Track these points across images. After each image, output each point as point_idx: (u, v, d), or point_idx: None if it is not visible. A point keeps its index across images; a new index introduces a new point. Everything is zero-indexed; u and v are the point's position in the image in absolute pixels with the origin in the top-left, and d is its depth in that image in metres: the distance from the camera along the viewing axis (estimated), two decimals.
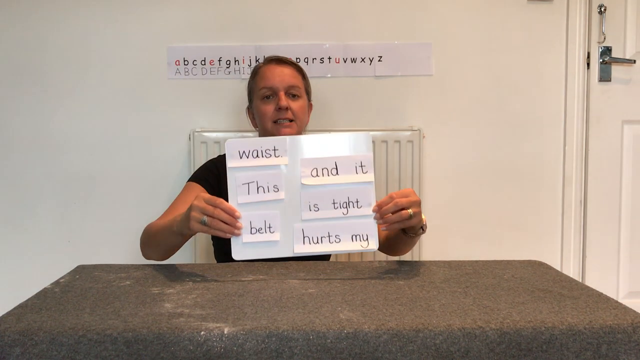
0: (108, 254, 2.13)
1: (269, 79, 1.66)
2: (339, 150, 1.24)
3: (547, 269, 1.30)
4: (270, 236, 1.21)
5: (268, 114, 1.64)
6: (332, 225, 1.22)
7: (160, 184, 2.13)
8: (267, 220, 1.21)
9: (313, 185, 1.23)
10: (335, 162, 1.24)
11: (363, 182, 1.24)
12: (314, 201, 1.23)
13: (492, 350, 0.91)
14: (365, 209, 1.23)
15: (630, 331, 0.93)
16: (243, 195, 1.22)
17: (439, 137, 2.17)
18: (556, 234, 2.22)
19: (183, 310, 1.00)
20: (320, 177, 1.24)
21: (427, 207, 2.17)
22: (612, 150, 2.21)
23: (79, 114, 2.13)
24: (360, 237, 1.22)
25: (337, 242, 1.21)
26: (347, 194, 1.23)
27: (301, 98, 1.68)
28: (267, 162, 1.23)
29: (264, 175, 1.22)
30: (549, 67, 2.18)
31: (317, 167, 1.24)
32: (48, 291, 1.12)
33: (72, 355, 0.89)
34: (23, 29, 2.10)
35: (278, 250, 1.21)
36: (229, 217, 1.19)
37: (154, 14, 2.11)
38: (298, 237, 1.21)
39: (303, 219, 1.22)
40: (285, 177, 1.23)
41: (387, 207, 1.23)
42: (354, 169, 1.24)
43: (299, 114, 1.65)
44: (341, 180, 1.23)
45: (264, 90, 1.66)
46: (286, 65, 1.70)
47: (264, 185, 1.22)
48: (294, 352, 0.90)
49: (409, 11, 2.14)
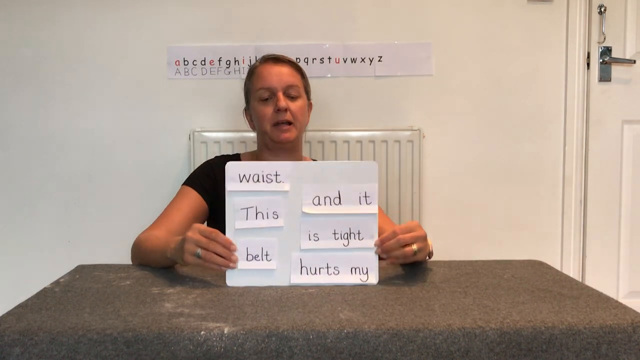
0: (108, 254, 2.12)
1: (266, 79, 1.59)
2: (343, 178, 1.19)
3: (547, 269, 1.30)
4: (267, 264, 1.16)
5: (266, 116, 1.58)
6: (331, 257, 1.17)
7: (160, 184, 2.13)
8: (264, 248, 1.17)
9: (314, 214, 1.18)
10: (338, 190, 1.19)
11: (366, 213, 1.19)
12: (314, 230, 1.18)
13: (492, 350, 0.91)
14: (366, 241, 1.18)
15: (630, 331, 0.93)
16: (241, 220, 1.17)
17: (439, 137, 2.17)
18: (556, 234, 2.22)
19: (183, 310, 1.00)
20: (322, 205, 1.19)
21: (427, 207, 2.17)
22: (612, 150, 2.21)
23: (79, 113, 2.13)
24: (360, 270, 1.17)
25: (336, 274, 1.16)
26: (349, 224, 1.18)
27: (300, 98, 1.61)
28: (267, 188, 1.18)
29: (263, 201, 1.17)
30: (549, 67, 2.18)
31: (319, 195, 1.19)
32: (48, 291, 1.13)
33: (72, 355, 0.89)
34: (23, 29, 2.10)
35: (274, 279, 1.16)
36: (224, 250, 1.14)
37: (154, 14, 2.11)
38: (295, 267, 1.17)
39: (302, 249, 1.17)
40: (285, 203, 1.18)
41: (390, 244, 1.16)
42: (358, 199, 1.19)
43: (298, 116, 1.59)
44: (343, 210, 1.18)
45: (262, 92, 1.59)
46: (284, 64, 1.62)
47: (263, 211, 1.17)
48: (294, 352, 0.90)
49: (409, 11, 2.15)
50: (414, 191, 2.12)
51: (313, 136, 2.07)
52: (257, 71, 1.63)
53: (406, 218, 2.11)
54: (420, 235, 1.20)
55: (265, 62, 1.64)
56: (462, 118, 2.18)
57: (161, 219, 1.51)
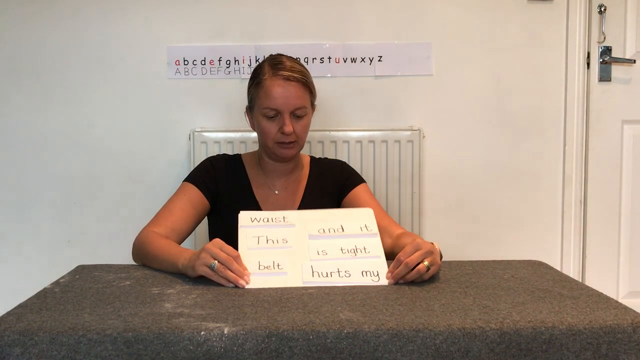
0: (108, 254, 2.13)
1: (273, 100, 1.52)
2: (344, 219, 1.33)
3: (547, 269, 1.30)
4: (279, 272, 1.19)
5: (270, 134, 1.55)
6: (341, 263, 1.21)
7: (160, 184, 2.13)
8: (275, 261, 1.21)
9: (321, 235, 1.28)
10: (341, 224, 1.31)
11: (369, 234, 1.29)
12: (322, 248, 1.25)
13: (492, 350, 0.91)
14: (374, 253, 1.25)
15: (630, 331, 0.93)
16: (253, 244, 1.26)
17: (439, 137, 2.17)
18: (556, 234, 2.22)
19: (183, 310, 1.00)
20: (327, 233, 1.29)
21: (427, 207, 2.17)
22: (612, 150, 2.21)
23: (79, 114, 2.13)
24: (371, 273, 1.19)
25: (347, 277, 1.18)
26: (354, 243, 1.26)
27: (306, 117, 1.57)
28: (277, 224, 1.32)
29: (273, 231, 1.28)
30: (549, 67, 2.18)
31: (324, 227, 1.30)
32: (48, 291, 1.13)
33: (72, 355, 0.89)
34: (23, 29, 2.10)
35: (287, 281, 1.17)
36: (239, 268, 1.17)
37: (154, 14, 2.11)
38: (307, 272, 1.19)
39: (312, 259, 1.22)
40: (293, 233, 1.29)
41: (399, 271, 1.17)
42: (359, 229, 1.31)
43: (302, 134, 1.57)
44: (347, 234, 1.29)
45: (268, 110, 1.53)
46: (293, 83, 1.53)
47: (273, 239, 1.27)
48: (294, 352, 0.90)
49: (409, 11, 2.14)
50: (414, 191, 2.12)
51: (313, 136, 2.07)
52: (265, 85, 1.54)
53: (406, 218, 2.11)
54: (425, 251, 1.19)
55: (275, 78, 1.54)
56: (462, 118, 2.18)
57: (162, 214, 1.51)
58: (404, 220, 2.11)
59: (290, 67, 1.56)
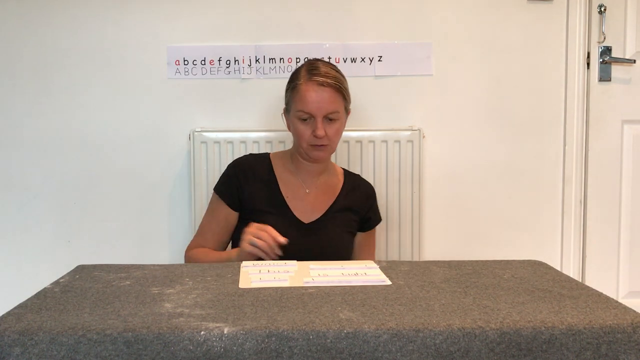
0: (108, 254, 2.13)
1: (307, 103, 1.61)
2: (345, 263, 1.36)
3: (547, 269, 1.30)
4: (280, 282, 1.20)
5: (304, 136, 1.64)
6: (344, 278, 1.22)
7: (160, 184, 2.13)
8: (276, 277, 1.23)
9: (322, 266, 1.31)
10: (342, 265, 1.33)
11: (369, 267, 1.30)
12: (323, 272, 1.26)
13: (492, 350, 0.91)
14: (375, 275, 1.24)
15: (630, 331, 0.93)
16: (255, 273, 1.26)
17: (439, 137, 2.17)
18: (556, 234, 2.22)
19: (183, 310, 1.00)
20: (328, 270, 1.28)
21: (427, 207, 2.17)
22: (612, 150, 2.21)
23: (79, 113, 2.13)
24: (373, 280, 1.21)
25: (349, 282, 1.19)
26: (355, 270, 1.26)
27: (339, 121, 1.65)
28: (277, 264, 1.35)
29: (274, 267, 1.32)
30: (549, 67, 2.18)
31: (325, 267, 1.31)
32: (48, 291, 1.12)
33: (72, 355, 0.89)
34: (23, 29, 2.10)
35: (288, 283, 1.19)
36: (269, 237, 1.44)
37: (154, 14, 2.11)
38: (308, 282, 1.20)
39: (313, 277, 1.22)
40: (295, 266, 1.32)
41: None
42: (359, 265, 1.33)
43: (334, 137, 1.66)
44: (348, 266, 1.31)
45: (301, 113, 1.62)
46: (327, 89, 1.61)
47: (274, 270, 1.29)
48: (293, 352, 0.90)
49: (409, 11, 2.14)
50: (414, 191, 2.12)
51: None
52: (300, 89, 1.63)
53: (406, 218, 2.11)
54: None
55: (310, 82, 1.62)
56: (462, 118, 2.18)
57: (204, 230, 1.72)
58: (404, 220, 2.11)
59: (325, 73, 1.63)
